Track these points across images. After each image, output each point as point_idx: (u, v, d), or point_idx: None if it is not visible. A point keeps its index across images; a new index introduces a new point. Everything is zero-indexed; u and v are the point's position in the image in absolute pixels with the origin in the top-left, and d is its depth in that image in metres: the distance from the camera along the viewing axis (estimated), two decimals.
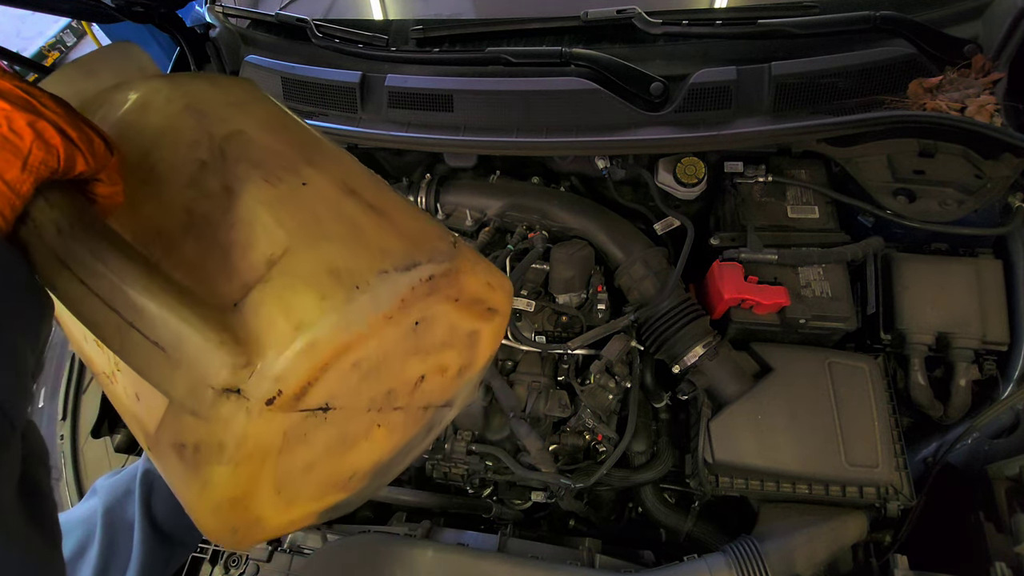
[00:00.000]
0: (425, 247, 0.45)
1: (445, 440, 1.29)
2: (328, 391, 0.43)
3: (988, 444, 1.09)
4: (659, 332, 1.23)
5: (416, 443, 0.62)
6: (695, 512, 1.27)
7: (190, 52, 1.58)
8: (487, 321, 0.57)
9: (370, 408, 0.49)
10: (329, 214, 0.43)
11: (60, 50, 5.21)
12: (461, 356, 0.58)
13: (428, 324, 0.49)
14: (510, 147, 1.27)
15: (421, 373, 0.53)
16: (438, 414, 0.63)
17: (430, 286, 0.45)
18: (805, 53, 1.19)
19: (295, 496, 0.49)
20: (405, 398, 0.53)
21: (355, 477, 0.56)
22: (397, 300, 0.42)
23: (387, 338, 0.45)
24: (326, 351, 0.39)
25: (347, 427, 0.49)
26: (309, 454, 0.46)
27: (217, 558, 1.18)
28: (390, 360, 0.48)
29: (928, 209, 1.16)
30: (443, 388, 0.59)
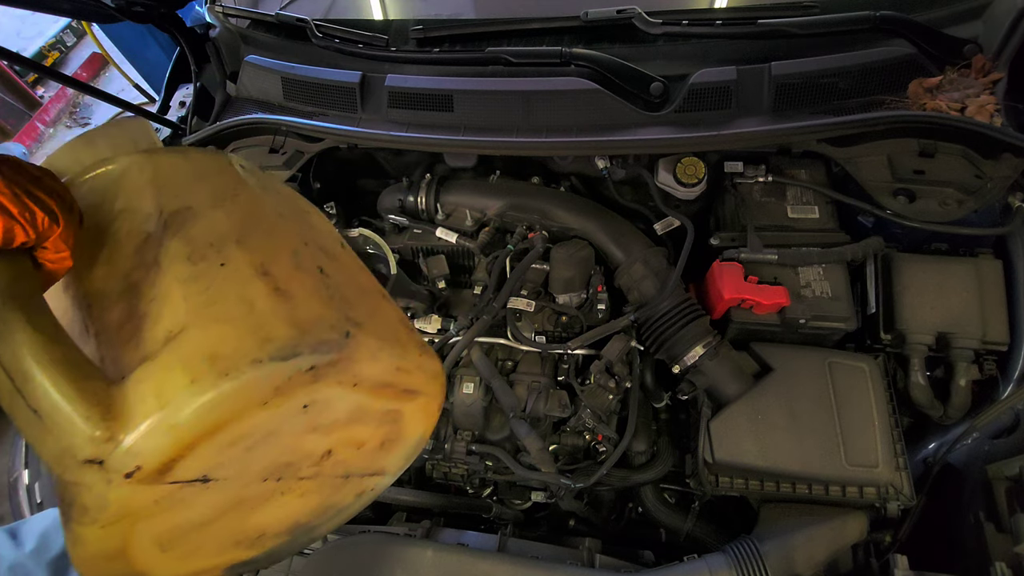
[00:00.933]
0: (311, 338, 0.45)
1: (445, 440, 1.29)
2: (203, 466, 0.44)
3: (988, 444, 1.08)
4: (659, 332, 1.23)
5: (343, 507, 0.64)
6: (695, 512, 1.27)
7: (190, 52, 1.58)
8: (407, 402, 0.58)
9: (266, 478, 0.51)
10: (233, 296, 0.45)
11: (60, 50, 5.22)
12: (380, 432, 0.59)
13: (321, 406, 0.49)
14: (510, 147, 1.27)
15: (326, 448, 0.54)
16: (365, 482, 0.64)
17: (313, 375, 0.45)
18: (805, 53, 1.19)
19: (188, 553, 0.51)
20: (311, 469, 0.54)
21: (265, 536, 0.57)
22: (270, 388, 0.43)
23: (268, 419, 0.46)
24: (188, 433, 0.41)
25: (241, 493, 0.50)
26: (197, 516, 0.48)
27: None
28: (279, 437, 0.49)
29: (928, 209, 1.16)
30: (365, 460, 0.60)
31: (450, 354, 1.28)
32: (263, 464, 0.50)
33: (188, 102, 1.62)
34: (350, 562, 1.00)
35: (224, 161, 0.59)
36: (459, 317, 1.34)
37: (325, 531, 0.66)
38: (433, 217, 1.44)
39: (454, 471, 1.31)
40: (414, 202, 1.43)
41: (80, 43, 5.35)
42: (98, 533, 0.42)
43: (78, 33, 5.29)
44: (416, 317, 1.38)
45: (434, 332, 1.37)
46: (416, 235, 1.43)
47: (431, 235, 1.40)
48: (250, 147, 1.53)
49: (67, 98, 4.98)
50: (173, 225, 0.48)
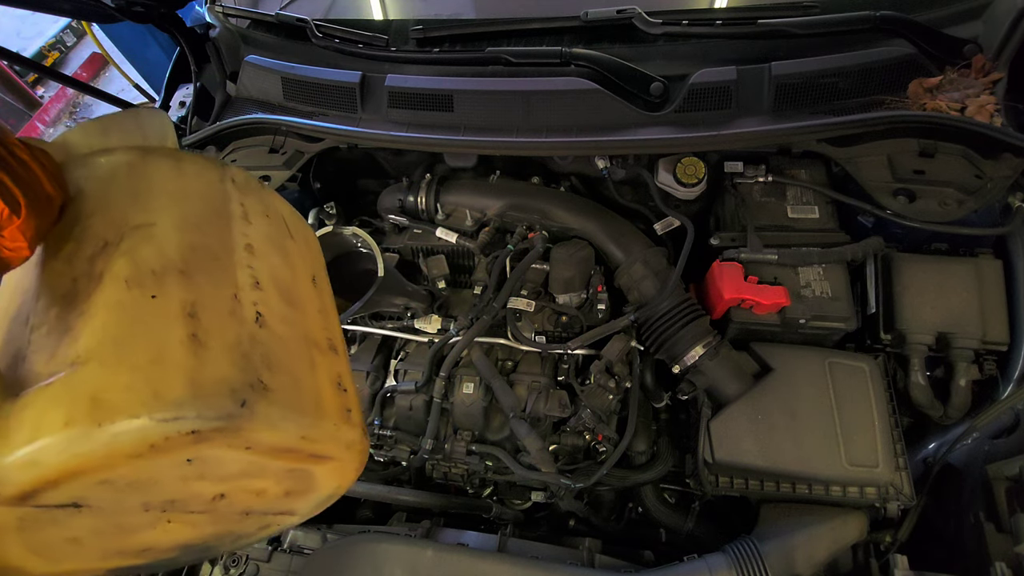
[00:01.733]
0: (201, 403, 0.44)
1: (445, 440, 1.29)
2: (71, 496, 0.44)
3: (988, 444, 1.08)
4: (659, 332, 1.23)
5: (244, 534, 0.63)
6: (695, 512, 1.27)
7: (190, 52, 1.58)
8: (316, 464, 0.56)
9: (148, 510, 0.50)
10: (146, 338, 0.45)
11: (60, 50, 5.22)
12: (282, 485, 0.57)
13: (208, 461, 0.49)
14: (510, 147, 1.27)
15: (217, 492, 0.53)
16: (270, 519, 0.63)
17: (195, 438, 0.44)
18: (805, 53, 1.19)
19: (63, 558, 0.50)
20: (202, 506, 0.54)
21: (152, 551, 0.57)
22: (144, 445, 0.43)
23: (144, 468, 0.45)
24: (51, 472, 0.41)
25: (118, 519, 0.50)
26: (69, 532, 0.48)
27: (217, 558, 1.18)
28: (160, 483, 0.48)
29: (928, 209, 1.15)
30: (267, 504, 0.59)
31: (450, 354, 1.28)
32: (143, 499, 0.50)
33: (188, 102, 1.62)
34: (350, 562, 1.00)
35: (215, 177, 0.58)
36: (459, 317, 1.34)
37: (221, 552, 0.65)
38: (433, 217, 1.44)
39: (454, 471, 1.31)
40: (414, 202, 1.43)
41: (80, 43, 5.35)
42: None
43: (78, 33, 5.29)
44: (416, 317, 1.38)
45: (434, 332, 1.37)
46: (416, 235, 1.43)
47: (431, 235, 1.40)
48: (250, 147, 1.53)
49: (67, 98, 4.98)
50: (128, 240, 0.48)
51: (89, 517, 0.48)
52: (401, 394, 1.32)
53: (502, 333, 1.32)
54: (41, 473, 0.41)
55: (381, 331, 1.40)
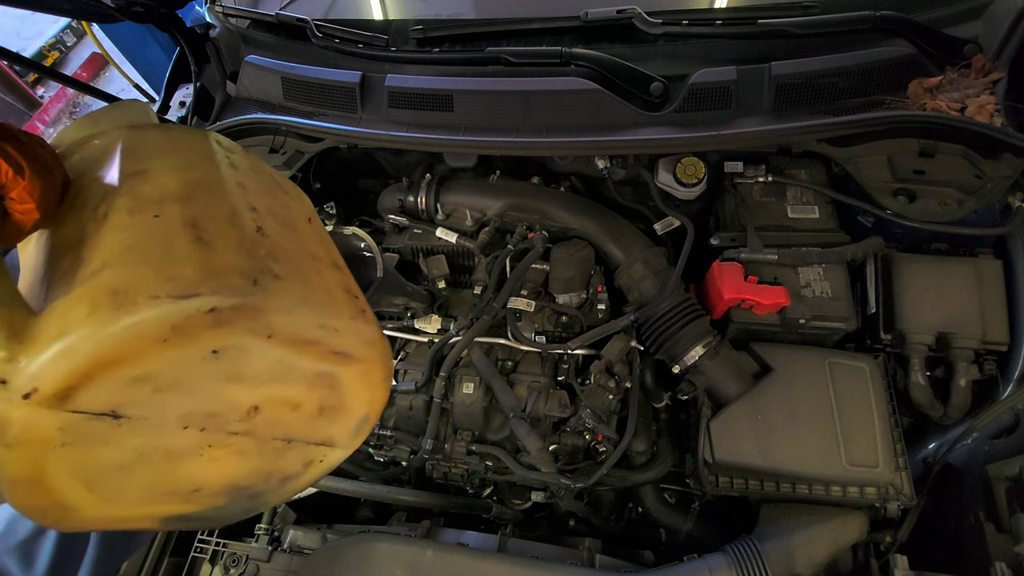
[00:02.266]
0: (217, 281, 0.47)
1: (445, 440, 1.29)
2: (107, 400, 0.46)
3: (988, 444, 1.08)
4: (659, 332, 1.23)
5: (290, 475, 0.63)
6: (695, 512, 1.27)
7: (190, 52, 1.58)
8: (341, 365, 0.58)
9: (187, 426, 0.52)
10: (157, 242, 0.48)
11: (60, 50, 5.22)
12: (315, 395, 0.58)
13: (235, 354, 0.50)
14: (510, 147, 1.27)
15: (252, 403, 0.55)
16: (313, 451, 0.63)
17: (214, 318, 0.46)
18: (805, 53, 1.19)
19: (114, 494, 0.52)
20: (240, 425, 0.55)
21: (201, 492, 0.58)
22: (167, 326, 0.45)
23: (174, 359, 0.47)
24: (82, 362, 0.43)
25: (162, 439, 0.51)
26: (116, 455, 0.50)
27: (217, 558, 1.18)
28: (194, 381, 0.50)
29: (928, 209, 1.15)
30: (305, 425, 0.60)
31: (450, 354, 1.28)
32: (180, 410, 0.51)
33: (188, 102, 1.62)
34: (350, 562, 1.01)
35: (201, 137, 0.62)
36: (459, 317, 1.34)
37: (273, 500, 0.65)
38: (433, 217, 1.44)
39: (454, 471, 1.31)
40: (414, 202, 1.43)
41: (80, 43, 5.35)
42: (10, 456, 0.45)
43: (78, 33, 5.29)
44: (416, 317, 1.38)
45: (434, 332, 1.37)
46: (416, 235, 1.43)
47: (431, 235, 1.40)
48: (250, 147, 1.53)
49: (67, 98, 4.98)
50: (126, 183, 0.52)
51: (132, 434, 0.49)
52: (401, 394, 1.32)
53: (502, 333, 1.32)
54: (73, 364, 0.43)
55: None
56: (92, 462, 0.49)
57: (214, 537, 1.20)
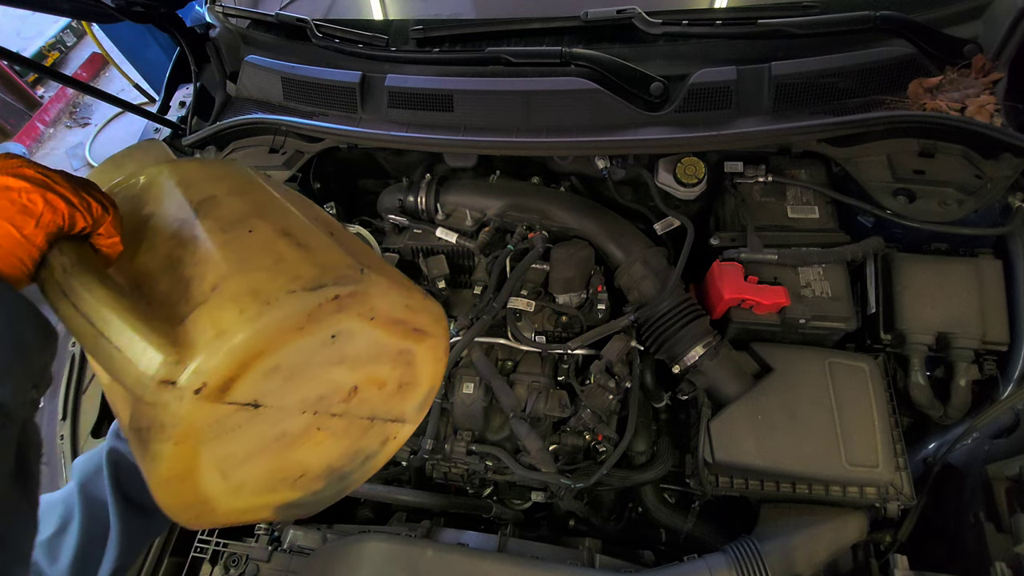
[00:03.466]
0: (333, 273, 0.55)
1: (445, 440, 1.29)
2: (253, 389, 0.52)
3: (988, 444, 1.08)
4: (659, 332, 1.23)
5: (371, 453, 0.71)
6: (695, 512, 1.27)
7: (190, 52, 1.58)
8: (418, 342, 0.66)
9: (304, 410, 0.59)
10: (263, 251, 0.55)
11: (60, 50, 5.22)
12: (397, 372, 0.67)
13: (346, 338, 0.58)
14: (510, 147, 1.27)
15: (353, 383, 0.62)
16: (389, 428, 0.71)
17: (337, 304, 0.54)
18: (805, 53, 1.19)
19: (242, 484, 0.58)
20: (341, 405, 0.62)
21: (306, 476, 0.65)
22: (304, 314, 0.52)
23: (303, 346, 0.54)
24: (242, 353, 0.49)
25: (283, 425, 0.58)
26: (248, 444, 0.56)
27: (217, 558, 1.18)
28: (313, 367, 0.57)
29: (928, 209, 1.15)
30: (385, 401, 0.68)
31: (450, 354, 1.28)
32: (300, 395, 0.58)
33: (188, 102, 1.62)
34: (350, 562, 1.01)
35: (236, 164, 0.69)
36: (459, 317, 1.34)
37: (358, 480, 0.72)
38: (433, 217, 1.44)
39: (454, 471, 1.30)
40: (414, 202, 1.43)
41: (80, 43, 5.35)
42: (172, 451, 0.50)
43: (78, 33, 5.29)
44: None
45: None
46: (416, 235, 1.43)
47: (431, 235, 1.40)
48: (250, 147, 1.53)
49: (67, 98, 4.98)
50: (202, 210, 0.58)
51: (264, 422, 0.55)
52: None
53: (502, 333, 1.32)
54: (236, 356, 0.49)
55: None
56: (231, 452, 0.55)
57: (214, 537, 1.20)
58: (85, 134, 4.72)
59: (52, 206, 0.48)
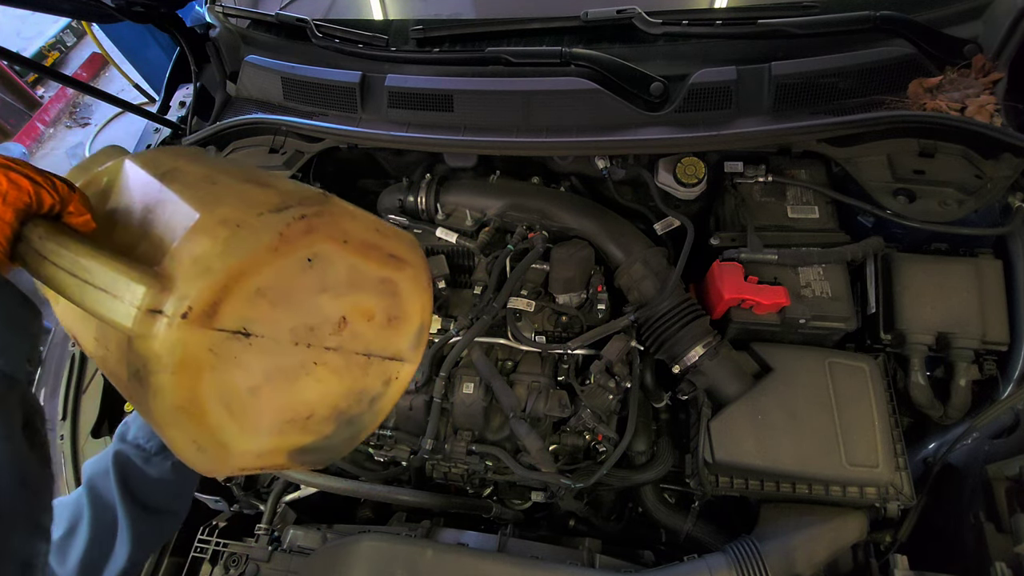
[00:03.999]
0: (297, 197, 0.59)
1: (445, 440, 1.29)
2: (240, 315, 0.54)
3: (988, 444, 1.08)
4: (659, 332, 1.23)
5: (376, 394, 0.72)
6: (695, 512, 1.27)
7: (190, 52, 1.58)
8: (397, 270, 0.68)
9: (296, 342, 0.60)
10: (228, 193, 0.58)
11: (60, 50, 5.22)
12: (383, 303, 0.68)
13: (323, 262, 0.60)
14: (510, 147, 1.27)
15: (340, 313, 0.64)
16: (389, 367, 0.72)
17: (306, 224, 0.57)
18: (805, 53, 1.19)
19: (252, 422, 0.60)
20: (333, 338, 0.64)
21: (314, 418, 0.66)
22: (275, 234, 0.55)
23: (282, 269, 0.56)
24: (222, 275, 0.51)
25: (280, 358, 0.60)
26: (248, 377, 0.58)
27: (217, 558, 1.18)
28: (296, 293, 0.59)
29: (928, 209, 1.15)
30: (377, 336, 0.69)
31: (450, 354, 1.28)
32: (289, 323, 0.59)
33: (188, 102, 1.62)
34: (350, 562, 1.00)
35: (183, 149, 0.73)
36: (459, 317, 1.34)
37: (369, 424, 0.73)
38: (433, 217, 1.44)
39: (454, 471, 1.30)
40: (414, 202, 1.43)
41: (80, 43, 5.35)
42: (171, 381, 0.52)
43: (78, 33, 5.29)
44: None
45: (434, 332, 1.37)
46: (416, 235, 1.43)
47: (431, 235, 1.40)
48: (250, 147, 1.53)
49: (67, 98, 4.98)
50: (167, 178, 0.60)
51: (258, 353, 0.57)
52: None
53: (502, 333, 1.32)
54: (215, 279, 0.51)
55: None
56: (232, 385, 0.56)
57: (214, 537, 1.20)
58: (85, 134, 4.73)
59: (16, 184, 0.49)
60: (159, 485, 0.81)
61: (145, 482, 0.80)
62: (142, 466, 0.80)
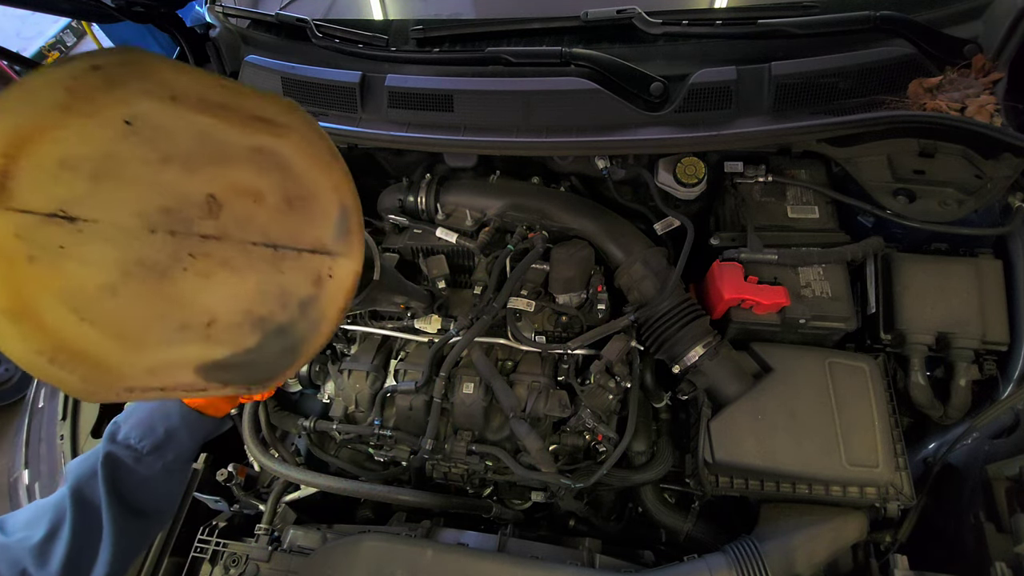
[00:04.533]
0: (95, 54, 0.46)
1: (445, 440, 1.29)
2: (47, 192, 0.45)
3: (988, 444, 1.09)
4: (659, 332, 1.23)
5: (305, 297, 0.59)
6: (695, 512, 1.27)
7: (190, 52, 1.58)
8: (275, 136, 0.55)
9: (153, 229, 0.49)
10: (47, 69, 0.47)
11: (60, 50, 5.21)
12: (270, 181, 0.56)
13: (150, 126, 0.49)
14: (510, 147, 1.27)
15: (205, 192, 0.52)
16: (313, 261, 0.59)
17: (102, 76, 0.46)
18: (805, 53, 1.19)
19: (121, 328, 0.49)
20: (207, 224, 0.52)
21: (218, 324, 0.55)
22: (60, 88, 0.44)
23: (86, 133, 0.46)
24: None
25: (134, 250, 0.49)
26: (95, 273, 0.47)
27: (217, 558, 1.18)
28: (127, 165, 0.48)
29: (928, 209, 1.16)
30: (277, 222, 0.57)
31: (450, 354, 1.28)
32: (133, 206, 0.49)
33: None
34: (350, 562, 1.00)
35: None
36: (459, 317, 1.34)
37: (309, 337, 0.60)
38: (433, 217, 1.44)
39: (454, 471, 1.30)
40: (414, 202, 1.43)
41: (80, 43, 5.34)
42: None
43: (78, 33, 5.29)
44: (416, 317, 1.38)
45: (434, 332, 1.37)
46: (416, 235, 1.43)
47: (431, 235, 1.40)
48: None
49: None
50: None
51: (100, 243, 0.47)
52: (401, 394, 1.32)
53: (502, 333, 1.32)
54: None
55: (381, 331, 1.40)
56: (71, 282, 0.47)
57: (214, 537, 1.20)
58: None
59: None
60: (148, 486, 0.80)
61: (134, 484, 0.79)
62: (133, 466, 0.79)
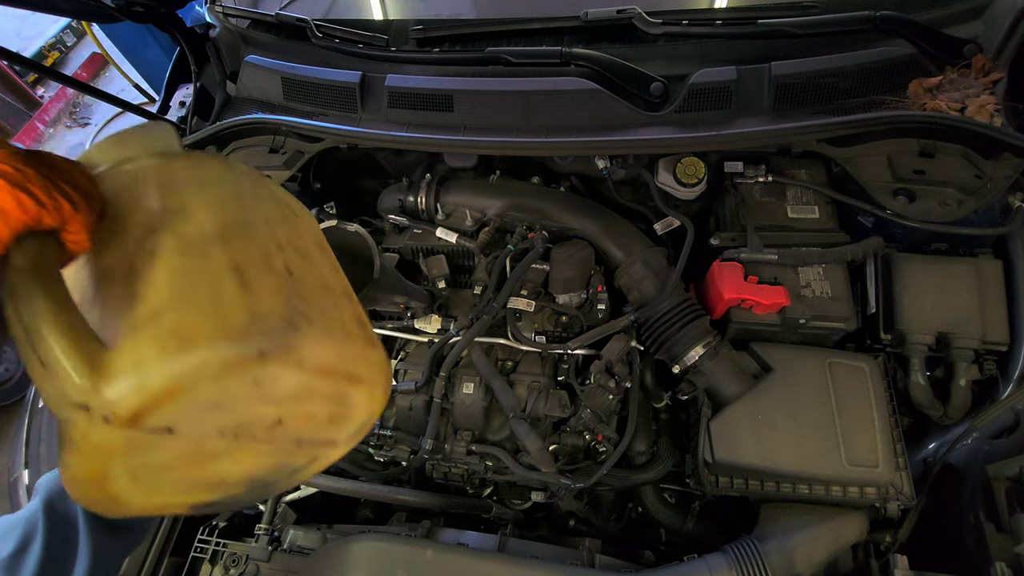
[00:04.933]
0: (263, 326, 0.55)
1: (445, 440, 1.29)
2: (167, 420, 0.53)
3: (988, 444, 1.08)
4: (659, 332, 1.23)
5: (297, 468, 0.72)
6: (695, 512, 1.27)
7: (190, 52, 1.58)
8: (352, 385, 0.66)
9: (222, 435, 0.59)
10: (207, 286, 0.55)
11: (60, 50, 5.22)
12: (327, 408, 0.67)
13: (270, 382, 0.58)
14: (510, 147, 1.27)
15: (276, 416, 0.63)
16: (318, 449, 0.72)
17: (260, 357, 0.54)
18: (805, 53, 1.19)
19: (155, 487, 0.60)
20: (264, 432, 0.63)
21: (225, 483, 0.66)
22: (222, 365, 0.52)
23: (223, 389, 0.54)
24: (153, 392, 0.50)
25: (200, 446, 0.59)
26: (161, 458, 0.57)
27: (217, 558, 1.18)
28: (232, 404, 0.57)
29: (928, 209, 1.15)
30: (315, 430, 0.68)
31: (450, 354, 1.28)
32: (220, 424, 0.58)
33: (188, 102, 1.62)
34: (350, 562, 1.00)
35: (226, 167, 0.69)
36: (459, 317, 1.34)
37: (282, 487, 0.74)
38: (433, 217, 1.44)
39: (454, 471, 1.30)
40: (414, 202, 1.43)
41: (80, 43, 5.35)
42: (81, 461, 0.53)
43: (78, 33, 5.29)
44: (416, 317, 1.38)
45: (434, 332, 1.37)
46: (416, 235, 1.43)
47: (431, 235, 1.40)
48: (250, 147, 1.53)
49: (67, 98, 4.98)
50: (170, 221, 0.58)
51: (179, 442, 0.56)
52: (401, 394, 1.32)
53: (502, 333, 1.32)
54: (146, 395, 0.50)
55: (381, 331, 1.41)
56: (143, 464, 0.56)
57: (214, 537, 1.20)
58: (85, 134, 4.73)
59: (23, 206, 0.48)
60: None
61: None
62: None
